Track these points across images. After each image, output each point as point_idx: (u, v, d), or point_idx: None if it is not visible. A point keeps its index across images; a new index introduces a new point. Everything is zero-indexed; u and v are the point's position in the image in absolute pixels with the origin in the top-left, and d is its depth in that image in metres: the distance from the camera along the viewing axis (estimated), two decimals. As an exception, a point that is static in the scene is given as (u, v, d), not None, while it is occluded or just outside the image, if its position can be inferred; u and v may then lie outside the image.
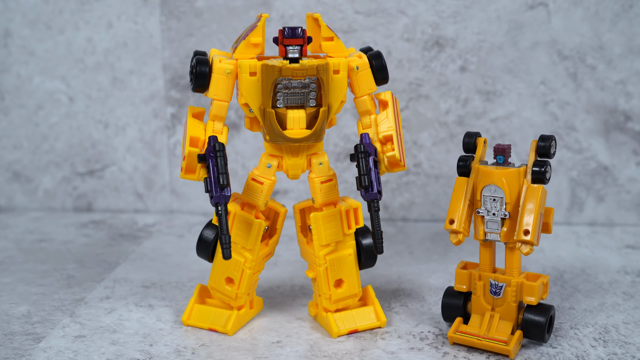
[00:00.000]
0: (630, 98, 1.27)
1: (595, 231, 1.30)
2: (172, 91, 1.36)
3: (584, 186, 1.31)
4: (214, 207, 0.84)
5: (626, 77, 1.26)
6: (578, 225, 1.32)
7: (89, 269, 1.14)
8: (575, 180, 1.31)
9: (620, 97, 1.27)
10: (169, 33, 1.33)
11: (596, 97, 1.28)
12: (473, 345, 0.88)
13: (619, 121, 1.28)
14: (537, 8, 1.25)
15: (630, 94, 1.27)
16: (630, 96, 1.27)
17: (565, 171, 1.31)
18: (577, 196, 1.32)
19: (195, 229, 1.33)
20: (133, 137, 1.38)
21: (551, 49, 1.27)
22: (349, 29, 1.29)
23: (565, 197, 1.32)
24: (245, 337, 0.92)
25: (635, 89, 1.26)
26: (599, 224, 1.32)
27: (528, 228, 0.84)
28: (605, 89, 1.27)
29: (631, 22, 1.24)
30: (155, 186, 1.40)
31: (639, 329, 0.93)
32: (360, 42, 1.29)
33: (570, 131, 1.29)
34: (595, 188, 1.31)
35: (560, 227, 1.31)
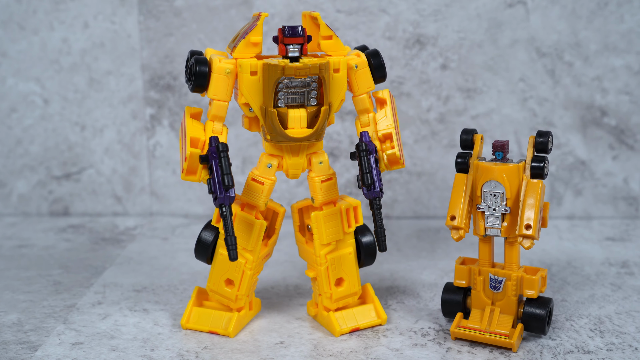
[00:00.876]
0: (606, 94, 1.30)
1: (574, 224, 1.32)
2: (151, 92, 1.34)
3: (563, 181, 1.34)
4: (218, 208, 0.83)
5: (602, 74, 1.29)
6: (557, 219, 1.35)
7: (75, 274, 1.11)
8: (554, 175, 1.34)
9: (597, 93, 1.30)
10: (148, 33, 1.31)
11: (573, 93, 1.30)
12: (476, 340, 0.89)
13: (595, 116, 1.31)
14: (515, 6, 1.28)
15: (606, 90, 1.30)
16: (606, 92, 1.30)
17: (544, 166, 1.33)
18: (556, 190, 1.34)
19: (178, 231, 1.31)
20: (111, 139, 1.36)
21: (530, 46, 1.29)
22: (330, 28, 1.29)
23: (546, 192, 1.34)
24: (247, 339, 0.91)
25: (611, 85, 1.30)
26: (577, 218, 1.35)
27: (529, 222, 0.85)
28: (582, 85, 1.30)
29: (606, 19, 1.27)
30: (135, 189, 1.38)
31: (631, 319, 0.95)
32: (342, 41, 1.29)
33: (548, 127, 1.32)
34: (573, 182, 1.34)
35: (540, 221, 1.33)
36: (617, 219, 1.35)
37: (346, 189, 1.35)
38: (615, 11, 1.27)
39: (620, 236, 1.26)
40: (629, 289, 1.05)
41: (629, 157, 1.33)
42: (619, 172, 1.33)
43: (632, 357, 0.86)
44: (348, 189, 1.35)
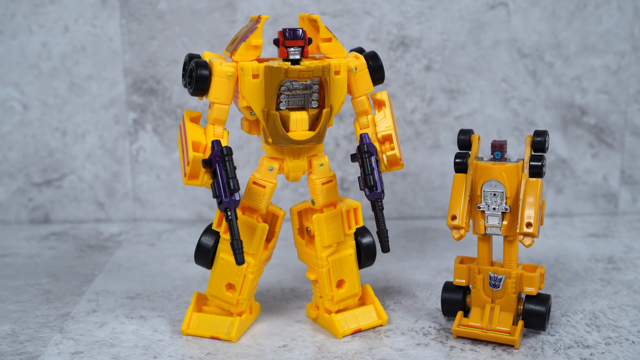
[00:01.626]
0: (586, 93, 1.33)
1: (557, 222, 1.35)
2: (134, 96, 1.32)
3: (544, 179, 1.36)
4: (223, 212, 0.83)
5: (581, 74, 1.32)
6: (539, 216, 1.37)
7: (65, 282, 1.09)
8: (535, 173, 1.36)
9: (577, 93, 1.33)
10: (130, 36, 1.30)
11: (554, 93, 1.33)
12: (478, 338, 0.90)
13: (575, 116, 1.34)
14: (497, 8, 1.29)
15: (585, 90, 1.33)
16: (586, 91, 1.33)
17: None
18: (538, 189, 1.36)
19: (164, 236, 1.29)
20: (93, 145, 1.34)
21: (511, 47, 1.31)
22: (315, 30, 1.29)
23: (526, 190, 1.36)
24: (249, 343, 0.90)
25: (590, 85, 1.32)
26: (559, 215, 1.38)
27: (530, 221, 0.87)
28: (563, 85, 1.32)
29: (585, 20, 1.30)
30: (118, 194, 1.36)
31: (624, 313, 0.97)
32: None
33: (530, 126, 1.34)
34: (555, 180, 1.36)
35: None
36: (597, 215, 1.38)
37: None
38: (593, 12, 1.30)
39: (602, 232, 1.29)
40: (618, 283, 1.07)
41: (608, 155, 1.36)
42: (599, 170, 1.36)
43: (630, 350, 0.88)
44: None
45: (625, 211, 1.38)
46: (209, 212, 1.37)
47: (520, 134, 1.34)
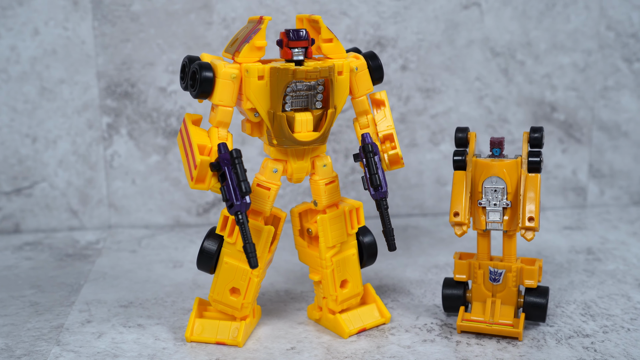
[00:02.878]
0: (555, 90, 1.37)
1: (530, 216, 1.38)
2: (108, 100, 1.29)
3: (517, 174, 1.39)
4: (234, 215, 0.82)
5: (551, 71, 1.36)
6: (512, 211, 1.40)
7: (51, 293, 1.06)
8: (508, 169, 1.39)
9: (547, 90, 1.37)
10: (103, 39, 1.27)
11: (525, 90, 1.36)
12: (482, 332, 0.92)
13: (545, 112, 1.38)
14: (471, 8, 1.32)
15: (555, 87, 1.36)
16: (555, 88, 1.37)
17: (500, 161, 1.38)
18: (511, 184, 1.40)
19: (144, 242, 1.27)
20: (65, 151, 1.30)
21: (484, 46, 1.33)
22: (292, 31, 1.28)
23: (500, 186, 1.39)
24: (256, 347, 0.90)
25: (559, 82, 1.36)
26: (532, 209, 1.41)
27: (532, 215, 0.89)
28: (533, 82, 1.36)
29: (554, 19, 1.34)
30: (92, 201, 1.33)
31: (614, 302, 1.01)
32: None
33: (503, 123, 1.37)
34: (527, 176, 1.40)
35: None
36: (567, 208, 1.42)
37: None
38: (562, 12, 1.33)
39: (576, 225, 1.33)
40: (601, 274, 1.10)
41: (577, 149, 1.40)
42: (568, 164, 1.40)
43: (627, 337, 0.91)
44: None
45: (594, 204, 1.43)
46: (187, 217, 1.35)
47: (493, 131, 1.37)
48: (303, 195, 1.36)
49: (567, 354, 0.87)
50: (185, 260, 1.18)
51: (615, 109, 1.39)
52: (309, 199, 1.35)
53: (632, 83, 1.38)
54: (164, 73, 1.29)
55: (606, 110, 1.39)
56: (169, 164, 1.32)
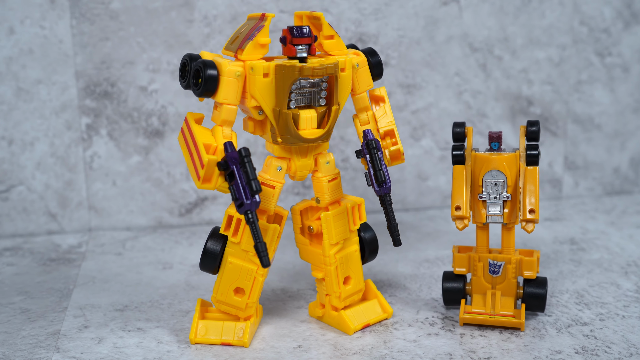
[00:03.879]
0: (532, 85, 1.39)
1: (510, 209, 1.41)
2: (87, 100, 1.26)
3: (495, 168, 1.41)
4: (244, 215, 0.81)
5: (527, 66, 1.38)
6: (491, 204, 1.42)
7: (40, 299, 1.03)
8: (487, 163, 1.41)
9: (523, 84, 1.39)
10: (82, 37, 1.24)
11: (503, 85, 1.38)
12: (484, 323, 0.93)
13: (522, 106, 1.40)
14: (450, 4, 1.33)
15: (531, 81, 1.39)
16: (532, 83, 1.39)
17: (479, 155, 1.40)
18: (490, 178, 1.42)
19: (128, 244, 1.24)
20: (43, 153, 1.26)
21: (463, 42, 1.35)
22: (274, 28, 1.28)
23: (479, 180, 1.41)
24: (263, 347, 0.89)
25: (536, 76, 1.39)
26: (510, 202, 1.43)
27: (532, 207, 0.90)
28: (511, 77, 1.38)
29: (530, 15, 1.36)
30: (71, 204, 1.29)
31: (605, 290, 1.03)
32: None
33: (482, 118, 1.39)
34: (505, 169, 1.42)
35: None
36: (544, 200, 1.45)
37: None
38: (537, 7, 1.36)
39: (555, 216, 1.36)
40: (588, 263, 1.13)
41: (553, 142, 1.43)
42: (544, 157, 1.43)
43: (623, 324, 0.93)
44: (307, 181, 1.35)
45: (569, 195, 1.46)
46: (169, 218, 1.33)
47: (472, 126, 1.39)
48: (295, 193, 1.35)
49: (569, 342, 0.89)
50: (174, 261, 1.17)
51: (589, 103, 1.42)
52: (301, 197, 1.35)
53: (604, 77, 1.41)
54: (144, 72, 1.26)
55: (580, 103, 1.42)
56: (150, 165, 1.30)
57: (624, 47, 1.41)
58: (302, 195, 1.36)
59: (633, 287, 1.04)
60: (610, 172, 1.46)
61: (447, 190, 1.41)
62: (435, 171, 1.40)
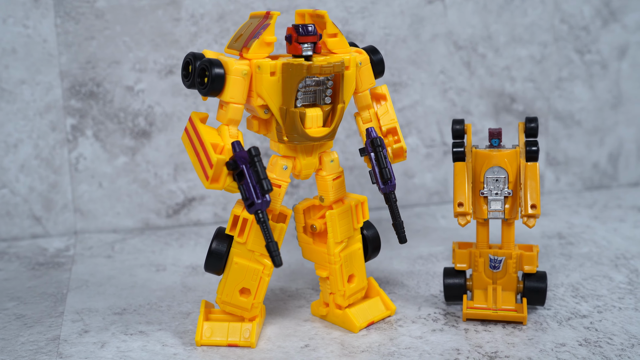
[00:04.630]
0: (514, 82, 1.41)
1: (494, 204, 1.42)
2: (72, 100, 1.23)
3: (479, 165, 1.43)
4: (254, 214, 0.80)
5: (510, 63, 1.40)
6: (476, 201, 1.44)
7: (34, 304, 1.01)
8: (472, 160, 1.43)
9: (506, 82, 1.41)
10: (66, 37, 1.21)
11: (487, 82, 1.40)
12: (487, 318, 0.94)
13: (505, 103, 1.42)
14: (435, 2, 1.34)
15: (514, 78, 1.41)
16: (514, 80, 1.41)
17: (464, 152, 1.42)
18: (474, 174, 1.43)
19: (117, 247, 1.22)
20: (27, 155, 1.24)
21: (448, 40, 1.36)
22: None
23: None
24: (270, 347, 0.88)
25: (518, 74, 1.41)
26: (494, 198, 1.45)
27: (534, 202, 0.91)
28: (494, 75, 1.40)
29: (513, 13, 1.38)
30: (56, 207, 1.27)
31: (598, 283, 1.05)
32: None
33: (466, 115, 1.40)
34: (489, 165, 1.44)
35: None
36: (527, 196, 1.47)
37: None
38: (520, 6, 1.38)
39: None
40: (579, 257, 1.15)
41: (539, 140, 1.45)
42: (527, 153, 1.45)
43: (621, 315, 0.95)
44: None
45: (550, 190, 1.48)
46: (156, 219, 1.31)
47: (456, 123, 1.40)
48: (289, 193, 1.35)
49: (572, 335, 0.90)
50: (166, 263, 1.15)
51: (569, 99, 1.45)
52: (296, 196, 1.34)
53: (584, 74, 1.44)
54: (130, 71, 1.24)
55: (561, 100, 1.44)
56: (137, 165, 1.28)
57: (602, 45, 1.43)
58: (289, 195, 1.35)
59: (625, 280, 1.06)
60: (590, 167, 1.49)
61: (433, 188, 1.42)
62: (421, 168, 1.41)
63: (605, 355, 0.85)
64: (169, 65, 1.26)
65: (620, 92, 1.46)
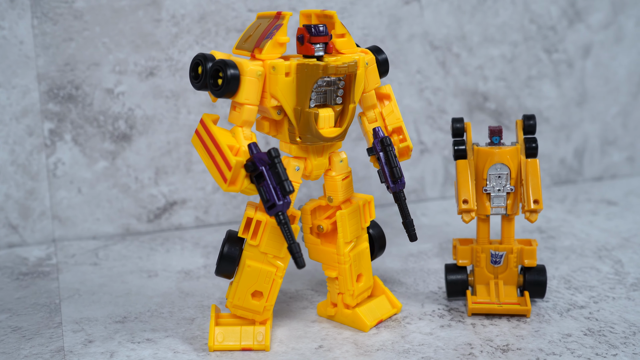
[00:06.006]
0: (487, 81, 1.44)
1: (470, 201, 1.45)
2: (50, 104, 1.20)
3: (454, 163, 1.45)
4: (274, 216, 0.80)
5: (483, 63, 1.43)
6: (450, 198, 1.47)
7: (28, 315, 0.97)
8: (447, 158, 1.45)
9: (479, 81, 1.44)
10: (44, 38, 1.17)
11: (461, 81, 1.43)
12: (492, 312, 0.96)
13: (479, 102, 1.45)
14: (411, 3, 1.36)
15: (486, 77, 1.44)
16: (487, 79, 1.44)
17: (439, 150, 1.44)
18: (450, 172, 1.46)
19: (101, 254, 1.19)
20: (3, 161, 1.19)
21: (424, 40, 1.38)
22: (242, 27, 1.26)
23: (440, 174, 1.45)
24: (284, 350, 0.88)
25: (491, 73, 1.44)
26: (469, 195, 1.48)
27: (537, 198, 0.94)
28: (468, 74, 1.43)
29: (485, 14, 1.41)
30: (34, 214, 1.23)
31: (587, 275, 1.09)
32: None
33: (442, 114, 1.43)
34: (463, 163, 1.46)
35: (439, 202, 1.44)
36: (500, 192, 1.50)
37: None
38: (492, 6, 1.41)
39: (515, 207, 1.41)
40: (563, 250, 1.19)
41: (506, 136, 1.48)
42: (499, 151, 1.49)
43: (616, 305, 0.98)
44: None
45: (521, 186, 1.52)
46: (137, 224, 1.28)
47: (433, 122, 1.42)
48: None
49: (575, 325, 0.93)
50: (156, 269, 1.13)
51: (538, 97, 1.49)
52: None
53: (551, 72, 1.48)
54: (110, 73, 1.21)
55: (530, 98, 1.48)
56: (117, 170, 1.25)
57: (569, 44, 1.48)
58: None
59: (611, 270, 1.10)
60: (557, 162, 1.54)
61: (410, 186, 1.43)
62: (399, 167, 1.42)
63: (611, 344, 0.88)
64: (149, 67, 1.23)
65: (585, 89, 1.52)
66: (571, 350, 0.87)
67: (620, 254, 1.16)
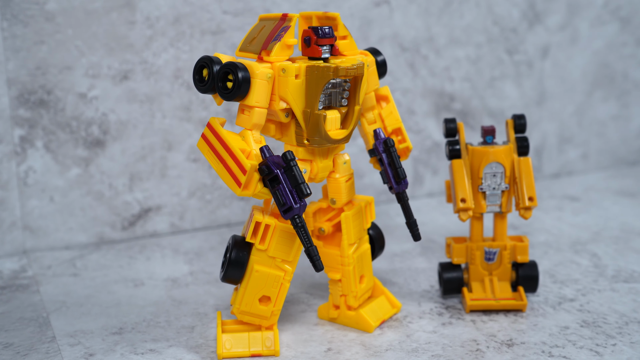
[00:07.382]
0: (453, 82, 1.47)
1: (439, 201, 1.47)
2: (21, 110, 1.15)
3: (423, 162, 1.48)
4: (290, 220, 0.79)
5: (449, 64, 1.46)
6: (420, 197, 1.49)
7: (17, 330, 0.93)
8: (416, 158, 1.47)
9: (446, 82, 1.46)
10: (14, 41, 1.12)
11: (429, 82, 1.45)
12: (489, 308, 0.97)
13: (445, 102, 1.47)
14: (381, 5, 1.37)
15: (453, 78, 1.47)
16: (453, 80, 1.47)
17: (409, 151, 1.46)
18: (418, 172, 1.48)
19: (79, 264, 1.15)
20: (-29, 170, 1.14)
21: (394, 42, 1.40)
22: (217, 30, 1.25)
23: (409, 174, 1.47)
24: (293, 354, 0.87)
25: (457, 74, 1.47)
26: (438, 194, 1.50)
27: (531, 195, 0.96)
28: (435, 75, 1.45)
29: (451, 16, 1.44)
30: (3, 225, 1.17)
31: (569, 269, 1.12)
32: (229, 43, 1.26)
33: (411, 115, 1.44)
34: (431, 163, 1.49)
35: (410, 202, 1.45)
36: (466, 191, 1.53)
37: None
38: (457, 9, 1.44)
39: (484, 205, 1.45)
40: (541, 245, 1.22)
41: (472, 136, 1.52)
42: (465, 150, 1.52)
43: (604, 297, 1.02)
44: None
45: (485, 184, 1.56)
46: (111, 233, 1.24)
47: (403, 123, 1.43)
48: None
49: (570, 318, 0.96)
50: (141, 277, 1.10)
51: (500, 97, 1.53)
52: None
53: (513, 73, 1.52)
54: (83, 77, 1.18)
55: (493, 98, 1.52)
56: (90, 177, 1.21)
57: (529, 45, 1.52)
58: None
59: (590, 264, 1.14)
60: (518, 161, 1.58)
61: (381, 187, 1.44)
62: (370, 168, 1.43)
63: (607, 334, 0.91)
64: (123, 70, 1.20)
65: (544, 89, 1.56)
66: (572, 342, 0.89)
67: (594, 247, 1.20)
